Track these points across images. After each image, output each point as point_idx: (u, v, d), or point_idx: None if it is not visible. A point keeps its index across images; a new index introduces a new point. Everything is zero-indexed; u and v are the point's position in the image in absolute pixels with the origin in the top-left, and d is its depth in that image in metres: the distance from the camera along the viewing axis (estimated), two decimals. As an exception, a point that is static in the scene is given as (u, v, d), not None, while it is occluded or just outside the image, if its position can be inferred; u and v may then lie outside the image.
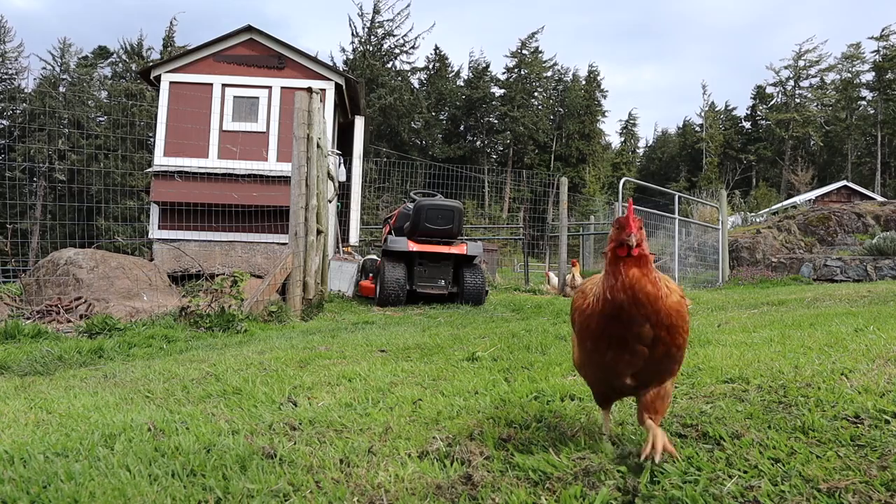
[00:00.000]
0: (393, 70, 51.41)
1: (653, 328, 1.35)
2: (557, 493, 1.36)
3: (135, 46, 46.81)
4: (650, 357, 1.38)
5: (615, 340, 1.39)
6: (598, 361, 1.46)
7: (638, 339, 1.36)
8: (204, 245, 9.19)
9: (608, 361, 1.42)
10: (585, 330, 1.46)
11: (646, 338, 1.36)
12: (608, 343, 1.40)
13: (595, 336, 1.43)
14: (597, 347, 1.43)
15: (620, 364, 1.41)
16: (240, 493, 1.38)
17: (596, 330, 1.42)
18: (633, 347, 1.37)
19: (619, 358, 1.40)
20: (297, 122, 6.05)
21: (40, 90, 41.26)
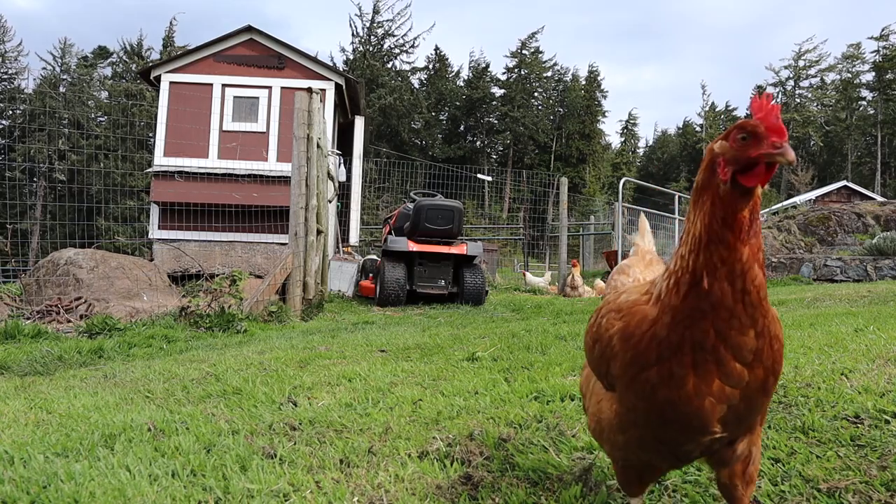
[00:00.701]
0: (393, 70, 51.40)
1: (757, 337, 0.91)
2: (557, 494, 1.36)
3: (135, 46, 46.80)
4: (747, 386, 0.93)
5: (702, 355, 0.91)
6: (669, 398, 0.93)
7: (737, 353, 0.91)
8: (204, 245, 9.19)
9: (686, 395, 0.92)
10: (640, 355, 0.96)
11: (746, 351, 0.91)
12: (691, 361, 0.91)
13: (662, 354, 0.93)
14: (669, 374, 0.93)
15: (708, 397, 0.92)
16: (240, 493, 1.38)
17: (666, 343, 0.93)
18: (729, 366, 0.91)
19: (705, 386, 0.91)
20: (297, 122, 6.05)
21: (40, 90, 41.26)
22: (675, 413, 0.94)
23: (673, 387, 0.92)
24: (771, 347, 0.94)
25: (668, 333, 0.93)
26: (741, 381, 0.92)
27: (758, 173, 0.87)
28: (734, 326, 0.90)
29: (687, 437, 0.97)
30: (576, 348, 3.05)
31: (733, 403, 0.93)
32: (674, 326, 0.92)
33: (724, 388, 0.92)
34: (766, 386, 0.96)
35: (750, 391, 0.94)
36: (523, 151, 54.79)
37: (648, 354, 0.95)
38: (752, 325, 0.90)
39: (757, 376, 0.94)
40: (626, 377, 0.99)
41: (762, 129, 0.86)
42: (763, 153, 0.86)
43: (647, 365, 0.95)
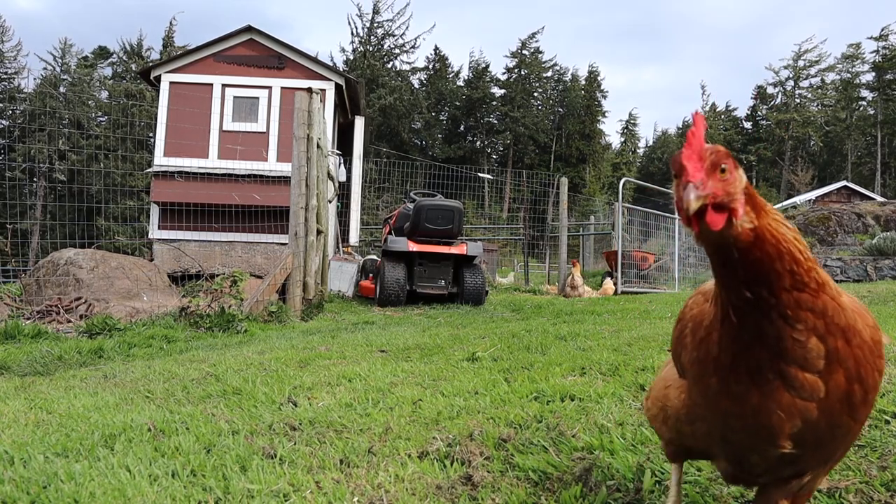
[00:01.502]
0: (393, 70, 51.41)
1: (824, 338, 0.80)
2: (557, 494, 1.36)
3: (134, 46, 46.82)
4: (826, 398, 0.81)
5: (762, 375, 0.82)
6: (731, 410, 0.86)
7: (803, 363, 0.80)
8: (204, 245, 9.19)
9: (752, 411, 0.83)
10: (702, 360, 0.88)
11: (814, 358, 0.80)
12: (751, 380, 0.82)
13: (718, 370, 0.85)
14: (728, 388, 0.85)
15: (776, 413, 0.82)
16: (240, 493, 1.38)
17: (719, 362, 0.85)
18: (798, 379, 0.80)
19: (772, 402, 0.82)
20: (297, 123, 6.05)
21: (40, 90, 41.26)
22: (740, 423, 0.86)
23: (735, 401, 0.84)
24: (849, 344, 0.81)
25: (719, 354, 0.85)
26: (815, 391, 0.80)
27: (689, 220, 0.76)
28: (788, 346, 0.79)
29: (752, 447, 0.87)
30: (576, 348, 3.06)
31: (809, 419, 0.81)
32: (723, 349, 0.84)
33: (794, 401, 0.81)
34: (851, 399, 0.81)
35: (831, 405, 0.81)
36: (523, 151, 54.79)
37: (707, 363, 0.86)
38: (812, 333, 0.79)
39: (837, 385, 0.80)
40: (693, 373, 0.91)
41: (676, 167, 0.77)
42: (678, 197, 0.75)
43: (707, 372, 0.87)
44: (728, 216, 0.76)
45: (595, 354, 2.77)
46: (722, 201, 0.75)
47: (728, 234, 0.76)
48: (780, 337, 0.79)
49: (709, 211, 0.75)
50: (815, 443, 0.84)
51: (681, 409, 0.99)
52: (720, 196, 0.75)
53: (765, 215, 0.79)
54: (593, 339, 3.34)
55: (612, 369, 2.44)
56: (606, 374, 2.40)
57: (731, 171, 0.77)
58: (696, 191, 0.73)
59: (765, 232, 0.78)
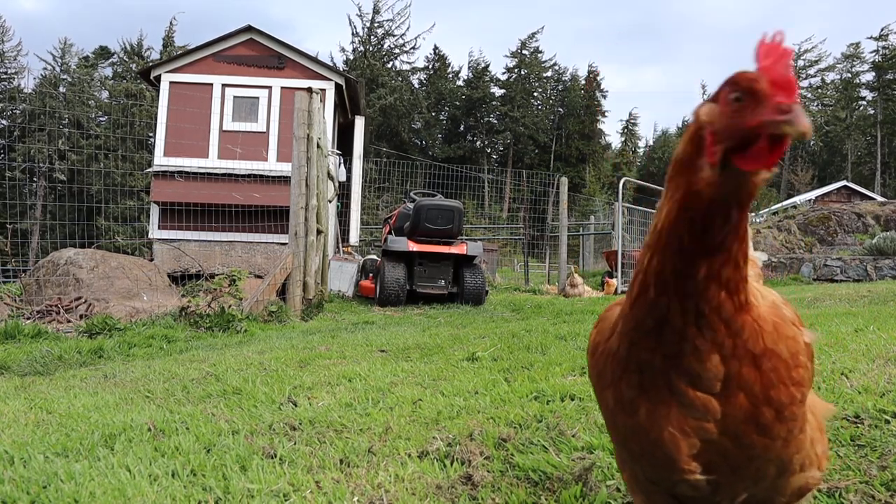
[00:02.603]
0: (393, 70, 51.40)
1: (726, 361, 0.71)
2: (557, 493, 1.36)
3: (135, 46, 46.82)
4: (726, 419, 0.72)
5: (651, 377, 0.73)
6: (627, 426, 0.77)
7: (694, 381, 0.71)
8: (204, 245, 9.19)
9: (640, 424, 0.75)
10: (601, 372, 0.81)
11: (710, 379, 0.71)
12: (639, 381, 0.74)
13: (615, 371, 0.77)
14: (620, 396, 0.77)
15: (667, 429, 0.73)
16: (240, 493, 1.38)
17: (616, 357, 0.77)
18: (688, 396, 0.71)
19: (661, 415, 0.73)
20: (297, 122, 6.04)
21: (40, 90, 41.26)
22: (637, 445, 0.76)
23: (627, 412, 0.75)
24: (757, 368, 0.71)
25: (619, 345, 0.75)
26: (709, 412, 0.71)
27: (759, 152, 0.61)
28: (686, 351, 0.70)
29: (666, 477, 0.76)
30: (576, 348, 3.05)
31: (710, 439, 0.72)
32: (621, 337, 0.75)
33: (687, 419, 0.71)
34: (759, 420, 0.71)
35: (733, 425, 0.71)
36: (523, 151, 54.78)
37: (605, 370, 0.78)
38: (716, 349, 0.70)
39: (739, 406, 0.71)
40: (596, 398, 0.83)
41: (762, 86, 0.61)
42: (764, 121, 0.60)
43: (605, 384, 0.78)
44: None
45: (595, 354, 2.77)
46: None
47: (752, 181, 0.64)
48: (682, 337, 0.69)
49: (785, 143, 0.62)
50: (729, 467, 0.74)
51: (616, 456, 0.88)
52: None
53: None
54: (593, 338, 3.33)
55: (612, 369, 2.44)
56: (606, 373, 2.39)
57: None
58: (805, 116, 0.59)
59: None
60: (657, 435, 0.73)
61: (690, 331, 0.69)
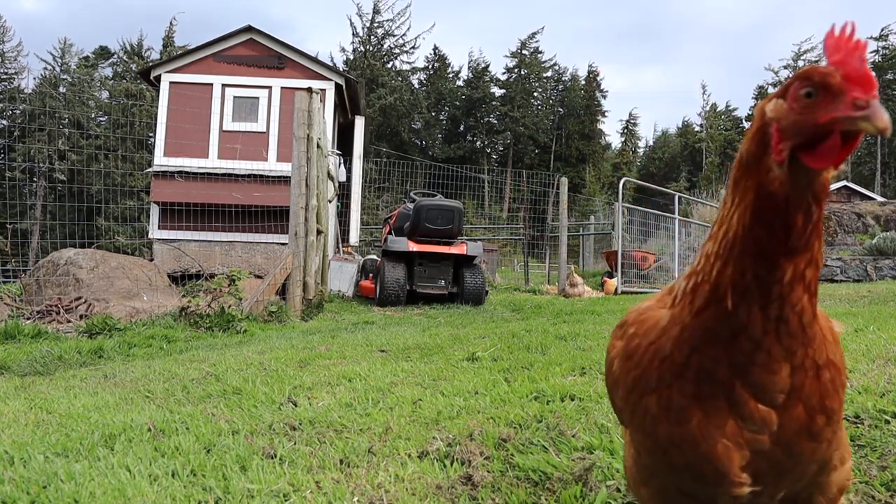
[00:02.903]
0: (393, 70, 51.40)
1: (794, 373, 0.68)
2: (557, 494, 1.36)
3: (135, 46, 46.81)
4: (781, 430, 0.70)
5: (710, 387, 0.69)
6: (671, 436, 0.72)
7: (760, 393, 0.68)
8: (204, 245, 9.19)
9: (690, 435, 0.70)
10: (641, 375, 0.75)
11: (775, 392, 0.68)
12: (695, 391, 0.70)
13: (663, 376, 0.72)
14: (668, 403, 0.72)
15: (720, 440, 0.69)
16: (240, 493, 1.38)
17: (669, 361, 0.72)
18: (748, 407, 0.68)
19: (715, 426, 0.69)
20: (297, 122, 6.05)
21: (40, 90, 41.26)
22: (681, 456, 0.71)
23: (674, 421, 0.71)
24: (818, 379, 0.69)
25: (673, 350, 0.71)
26: (766, 425, 0.68)
27: (831, 149, 0.59)
28: (758, 362, 0.66)
29: (709, 490, 0.72)
30: (576, 348, 3.05)
31: (761, 450, 0.69)
32: (679, 343, 0.71)
33: (742, 431, 0.69)
34: (811, 428, 0.69)
35: (787, 436, 0.69)
36: (523, 151, 54.78)
37: (649, 374, 0.73)
38: (787, 359, 0.67)
39: (796, 418, 0.68)
40: (629, 407, 0.78)
41: (838, 80, 0.58)
42: (840, 117, 0.58)
43: (647, 389, 0.74)
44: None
45: (595, 354, 2.77)
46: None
47: (822, 178, 0.62)
48: (759, 346, 0.66)
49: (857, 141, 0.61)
50: (777, 473, 0.71)
51: (633, 468, 0.83)
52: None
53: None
54: (593, 339, 3.34)
55: (612, 369, 2.44)
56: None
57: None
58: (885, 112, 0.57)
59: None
60: (709, 447, 0.69)
61: (769, 339, 0.66)
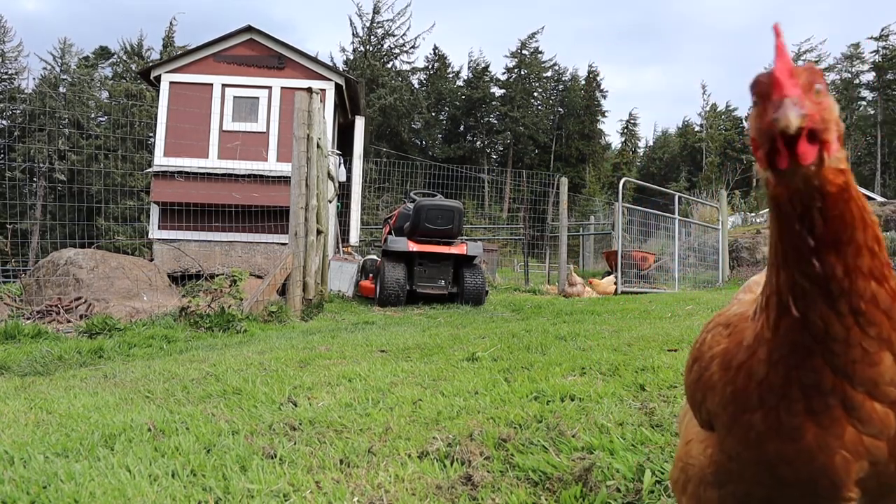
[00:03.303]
0: (393, 70, 51.39)
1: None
2: (557, 494, 1.36)
3: (135, 47, 46.79)
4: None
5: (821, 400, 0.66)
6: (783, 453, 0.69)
7: (872, 389, 0.66)
8: (204, 245, 9.19)
9: (807, 450, 0.67)
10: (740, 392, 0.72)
11: (887, 384, 0.66)
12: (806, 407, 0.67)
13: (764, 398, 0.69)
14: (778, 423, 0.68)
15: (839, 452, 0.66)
16: (240, 493, 1.38)
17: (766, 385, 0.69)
18: (866, 408, 0.66)
19: (833, 437, 0.66)
20: (297, 123, 6.05)
21: (40, 90, 41.26)
22: (792, 471, 0.68)
23: (786, 439, 0.67)
24: None
25: (768, 373, 0.68)
26: (886, 427, 0.65)
27: (780, 151, 0.62)
28: (856, 357, 0.64)
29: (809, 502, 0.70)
30: (576, 348, 3.06)
31: (878, 461, 0.66)
32: (773, 365, 0.68)
33: (861, 438, 0.65)
34: None
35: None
36: (523, 151, 54.78)
37: (749, 394, 0.70)
38: (886, 347, 0.64)
39: None
40: (726, 416, 0.74)
41: (764, 85, 0.63)
42: (767, 120, 0.61)
43: (749, 407, 0.70)
44: (819, 150, 0.62)
45: (595, 354, 2.77)
46: (817, 128, 0.61)
47: (815, 173, 0.62)
48: (848, 343, 0.64)
49: (802, 139, 0.61)
50: (884, 490, 0.67)
51: (706, 469, 0.80)
52: (816, 121, 0.61)
53: (850, 171, 0.65)
54: (593, 339, 3.34)
55: (612, 369, 2.44)
56: (606, 374, 2.40)
57: (825, 94, 0.63)
58: (795, 107, 0.59)
59: (851, 185, 0.64)
60: (826, 460, 0.66)
61: (854, 334, 0.64)
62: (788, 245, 0.65)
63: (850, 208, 0.64)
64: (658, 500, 1.33)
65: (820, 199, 0.63)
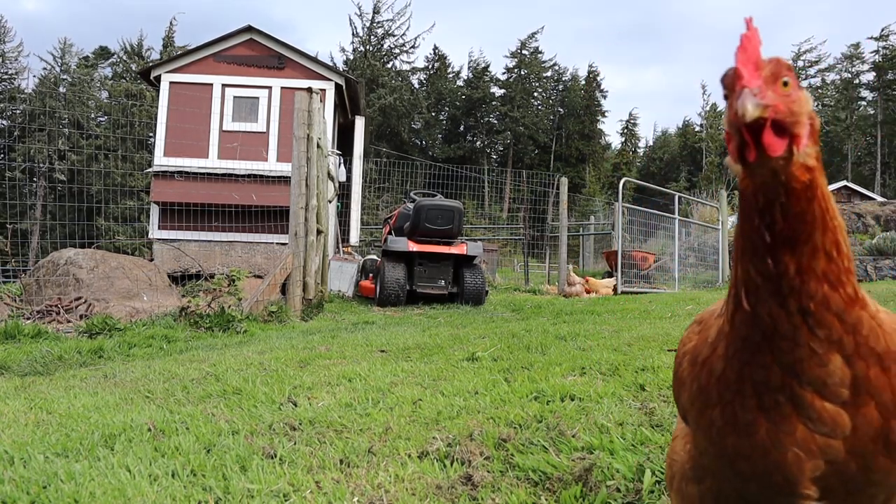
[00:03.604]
0: (393, 70, 51.40)
1: (850, 362, 0.66)
2: (557, 494, 1.36)
3: (135, 47, 46.79)
4: (854, 435, 0.66)
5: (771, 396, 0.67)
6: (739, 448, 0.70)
7: (821, 389, 0.66)
8: (204, 245, 9.19)
9: (760, 445, 0.68)
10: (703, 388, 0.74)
11: (836, 385, 0.66)
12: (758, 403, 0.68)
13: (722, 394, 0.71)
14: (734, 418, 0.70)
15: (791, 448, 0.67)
16: (240, 493, 1.38)
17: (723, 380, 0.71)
18: (815, 407, 0.66)
19: (784, 434, 0.67)
20: (297, 122, 6.05)
21: (40, 90, 41.26)
22: (749, 466, 0.70)
23: (742, 434, 0.69)
24: (886, 373, 0.65)
25: (724, 368, 0.71)
26: (838, 427, 0.65)
27: (748, 143, 0.62)
28: (803, 357, 0.65)
29: (775, 500, 0.70)
30: (576, 348, 3.06)
31: (834, 460, 0.66)
32: (729, 360, 0.70)
33: (813, 436, 0.66)
34: (888, 437, 0.65)
35: (862, 444, 0.65)
36: (523, 151, 54.79)
37: (709, 390, 0.73)
38: (836, 350, 0.65)
39: (869, 419, 0.65)
40: (695, 412, 0.75)
41: (729, 80, 0.63)
42: (732, 112, 0.61)
43: (709, 403, 0.72)
44: (789, 143, 0.62)
45: (595, 354, 2.77)
46: (784, 120, 0.61)
47: (783, 168, 0.62)
48: (796, 342, 0.65)
49: (767, 129, 0.61)
50: (847, 491, 0.68)
51: (686, 464, 0.82)
52: (782, 112, 0.61)
53: (820, 169, 0.65)
54: (593, 339, 3.34)
55: (612, 369, 2.44)
56: (606, 374, 2.40)
57: (795, 88, 0.63)
58: (753, 98, 0.59)
59: (818, 184, 0.64)
60: (779, 456, 0.67)
61: (803, 333, 0.65)
62: (747, 238, 0.66)
63: (812, 208, 0.64)
64: (658, 500, 1.33)
65: (784, 194, 0.63)
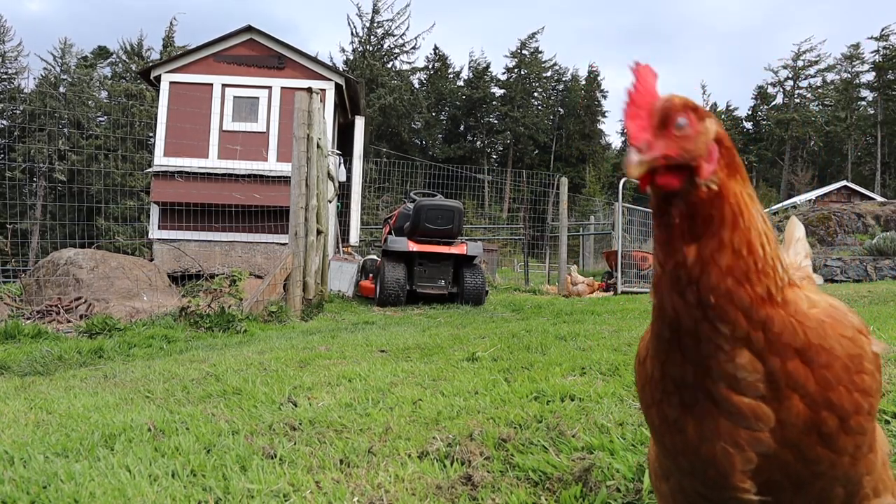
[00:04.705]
0: (393, 70, 51.40)
1: (763, 356, 0.65)
2: (557, 494, 1.36)
3: (135, 47, 46.79)
4: (783, 427, 0.66)
5: (690, 392, 0.69)
6: (675, 444, 0.72)
7: (734, 384, 0.66)
8: (204, 245, 9.19)
9: (690, 442, 0.69)
10: (641, 389, 0.77)
11: (749, 380, 0.66)
12: (680, 400, 0.69)
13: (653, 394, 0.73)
14: (664, 417, 0.72)
15: (718, 443, 0.67)
16: (240, 493, 1.38)
17: (652, 380, 0.73)
18: (732, 401, 0.66)
19: (709, 429, 0.67)
20: (297, 123, 6.05)
21: (40, 90, 41.26)
22: (687, 462, 0.71)
23: (674, 431, 0.70)
24: (807, 365, 0.64)
25: (652, 370, 0.72)
26: (760, 420, 0.65)
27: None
28: (710, 353, 0.65)
29: (717, 494, 0.71)
30: (576, 348, 3.05)
31: (767, 452, 0.66)
32: (652, 359, 0.72)
33: (738, 430, 0.66)
34: (822, 429, 0.64)
35: (793, 435, 0.65)
36: (523, 151, 54.80)
37: (646, 390, 0.75)
38: (742, 344, 0.64)
39: (796, 411, 0.64)
40: (644, 411, 0.78)
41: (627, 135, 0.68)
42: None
43: (648, 402, 0.75)
44: (689, 174, 0.65)
45: (595, 354, 2.77)
46: (678, 160, 0.64)
47: (685, 192, 0.66)
48: (698, 337, 0.65)
49: (660, 174, 0.65)
50: (794, 482, 0.68)
51: (654, 463, 0.83)
52: (675, 157, 0.64)
53: (738, 182, 0.67)
54: (593, 339, 3.34)
55: (612, 369, 2.44)
56: (606, 374, 2.40)
57: (693, 123, 0.65)
58: (638, 155, 0.63)
59: (729, 192, 0.66)
60: (708, 451, 0.68)
61: (704, 328, 0.64)
62: (658, 220, 0.68)
63: (722, 209, 0.66)
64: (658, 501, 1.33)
65: (684, 204, 0.66)
